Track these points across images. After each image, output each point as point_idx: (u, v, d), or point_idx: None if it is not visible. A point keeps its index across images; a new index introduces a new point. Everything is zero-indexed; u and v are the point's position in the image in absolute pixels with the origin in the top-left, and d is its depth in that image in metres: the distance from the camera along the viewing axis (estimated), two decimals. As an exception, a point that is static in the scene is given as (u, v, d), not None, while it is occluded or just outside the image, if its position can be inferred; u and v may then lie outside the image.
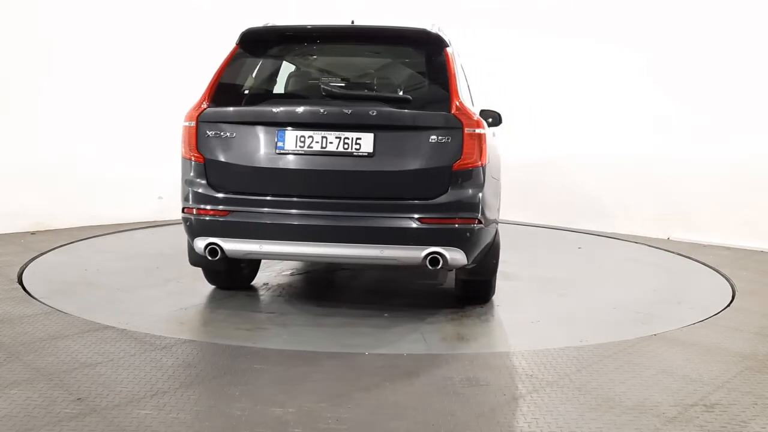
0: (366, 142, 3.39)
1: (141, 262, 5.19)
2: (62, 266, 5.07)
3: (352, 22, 4.04)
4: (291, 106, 3.52)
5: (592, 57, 7.90)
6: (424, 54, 3.86)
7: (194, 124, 3.56)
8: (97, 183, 7.02)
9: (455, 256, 3.40)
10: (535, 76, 8.40)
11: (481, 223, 3.47)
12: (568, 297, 4.49)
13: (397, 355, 3.14)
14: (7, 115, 6.37)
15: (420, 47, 3.86)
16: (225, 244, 3.48)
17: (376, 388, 2.69)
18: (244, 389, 2.63)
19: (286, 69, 4.21)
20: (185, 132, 3.60)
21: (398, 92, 3.82)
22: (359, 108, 3.44)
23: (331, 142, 3.40)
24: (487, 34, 8.52)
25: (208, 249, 3.50)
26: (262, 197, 3.46)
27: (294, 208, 3.43)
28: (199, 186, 3.54)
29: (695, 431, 2.34)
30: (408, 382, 2.77)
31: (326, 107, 3.46)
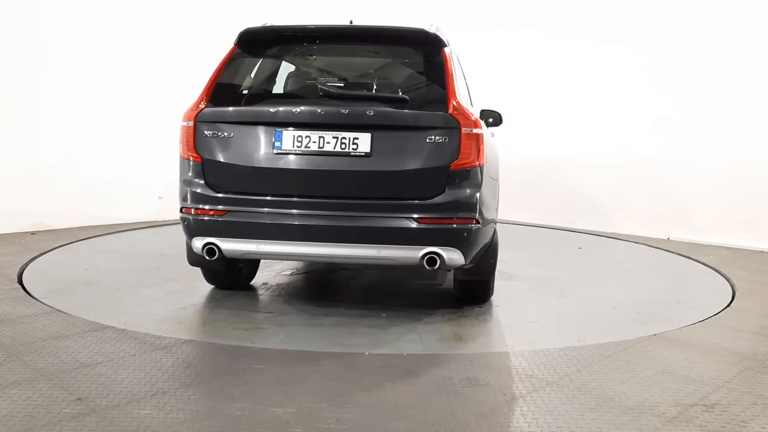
0: (363, 142, 3.38)
1: (141, 262, 5.19)
2: (62, 266, 5.07)
3: (351, 23, 4.04)
4: (288, 106, 3.52)
5: (592, 57, 7.90)
6: (422, 54, 3.86)
7: (192, 124, 3.56)
8: (97, 183, 7.02)
9: (452, 256, 3.39)
10: (535, 76, 8.40)
11: (478, 223, 3.46)
12: (567, 297, 4.48)
13: (397, 355, 3.14)
14: (7, 115, 6.37)
15: (418, 47, 3.86)
16: (222, 244, 3.49)
17: (376, 388, 2.69)
18: (244, 389, 2.63)
19: (285, 69, 4.20)
20: (183, 132, 3.60)
21: (396, 92, 3.82)
22: (356, 108, 3.44)
23: (328, 142, 3.40)
24: (487, 34, 8.53)
25: (206, 249, 3.50)
26: (260, 197, 3.46)
27: (291, 208, 3.43)
28: (197, 186, 3.54)
29: (695, 431, 2.34)
30: (408, 382, 2.77)
31: (323, 107, 3.46)
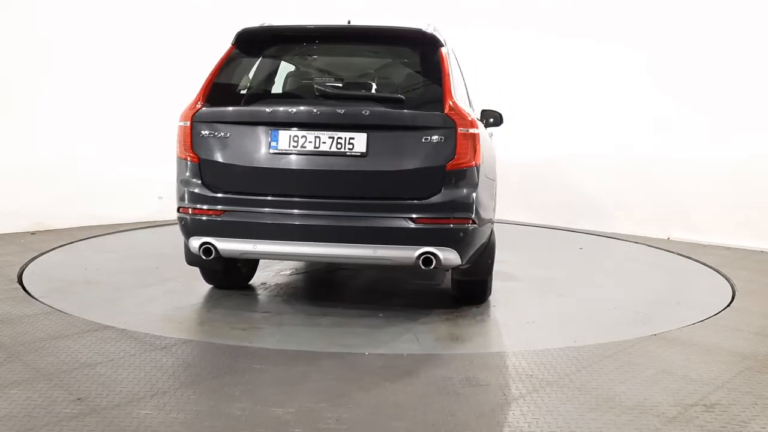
0: (359, 142, 3.38)
1: (141, 262, 5.19)
2: (62, 266, 5.07)
3: (349, 22, 4.04)
4: (285, 106, 3.52)
5: (592, 57, 7.90)
6: (419, 54, 3.85)
7: (189, 124, 3.56)
8: (97, 183, 7.02)
9: (449, 256, 3.39)
10: (535, 76, 8.40)
11: (474, 223, 3.46)
12: (566, 297, 4.48)
13: (397, 355, 3.14)
14: (7, 115, 6.37)
15: (415, 47, 3.86)
16: (219, 244, 3.49)
17: (376, 388, 2.69)
18: (244, 389, 2.63)
19: (282, 69, 4.20)
20: (180, 132, 3.60)
21: (392, 92, 3.81)
22: (352, 108, 3.44)
23: (324, 142, 3.40)
24: (487, 34, 8.53)
25: (203, 248, 3.51)
26: (256, 197, 3.46)
27: (288, 208, 3.43)
28: (194, 186, 3.54)
29: (695, 431, 2.34)
30: (408, 382, 2.77)
31: (319, 107, 3.46)
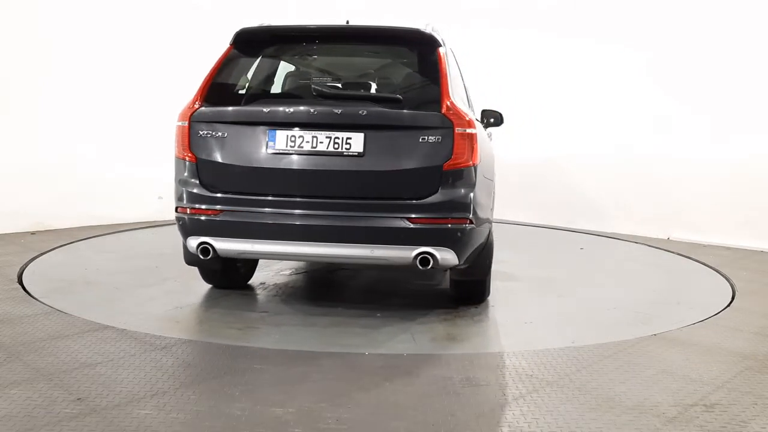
0: (356, 142, 3.38)
1: (141, 262, 5.19)
2: (62, 266, 5.07)
3: (347, 22, 4.04)
4: (282, 106, 3.52)
5: (592, 57, 7.90)
6: (417, 54, 3.85)
7: (186, 124, 3.56)
8: (97, 183, 7.02)
9: (446, 257, 3.39)
10: (535, 76, 8.40)
11: (472, 223, 3.45)
12: (566, 297, 4.48)
13: (397, 355, 3.13)
14: (7, 115, 6.37)
15: (413, 47, 3.86)
16: (217, 244, 3.49)
17: (376, 388, 2.69)
18: (244, 389, 2.63)
19: (280, 69, 4.20)
20: (178, 132, 3.60)
21: (390, 92, 3.81)
22: (349, 108, 3.43)
23: (321, 142, 3.40)
24: (487, 34, 8.53)
25: (200, 248, 3.51)
26: (254, 197, 3.47)
27: (285, 208, 3.43)
28: (192, 186, 3.55)
29: (695, 431, 2.34)
30: (408, 382, 2.77)
31: (317, 107, 3.46)
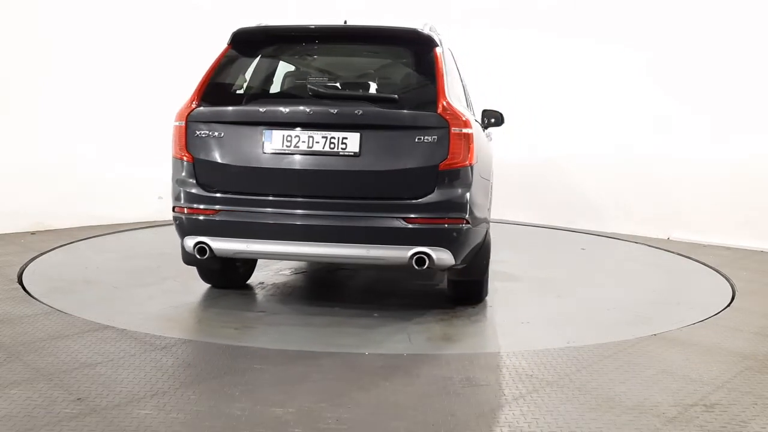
0: (352, 142, 3.38)
1: (141, 262, 5.19)
2: (62, 266, 5.07)
3: (345, 22, 4.04)
4: (278, 106, 3.53)
5: (592, 57, 7.90)
6: (414, 54, 3.85)
7: (183, 124, 3.57)
8: (97, 183, 7.02)
9: (442, 257, 3.39)
10: (535, 76, 8.40)
11: (468, 223, 3.45)
12: (566, 297, 4.48)
13: (397, 355, 3.13)
14: (7, 115, 6.37)
15: (410, 47, 3.86)
16: (213, 243, 3.50)
17: (376, 388, 2.69)
18: (244, 389, 2.63)
19: (277, 69, 4.20)
20: (175, 131, 3.61)
21: (386, 92, 3.80)
22: (345, 108, 3.44)
23: (317, 142, 3.40)
24: (487, 34, 8.53)
25: (197, 248, 3.52)
26: (250, 197, 3.47)
27: (281, 208, 3.43)
28: (189, 185, 3.55)
29: (695, 431, 2.34)
30: (408, 382, 2.77)
31: (312, 107, 3.46)
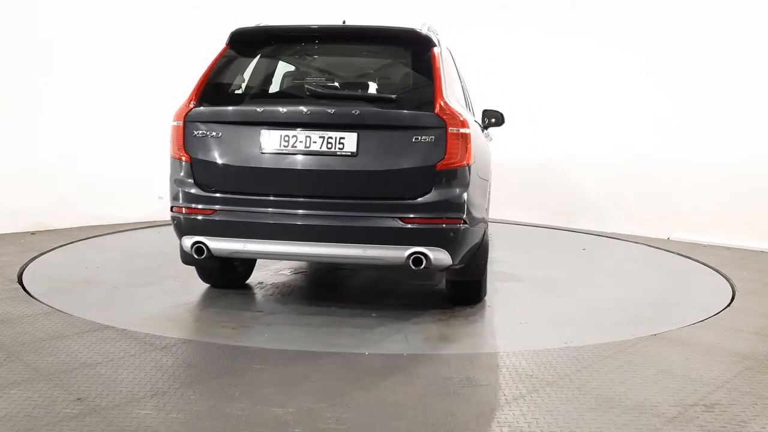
0: (349, 142, 3.38)
1: (141, 262, 5.19)
2: (62, 266, 5.07)
3: (344, 22, 4.04)
4: (275, 106, 3.53)
5: (592, 57, 7.90)
6: (412, 54, 3.86)
7: (181, 124, 3.57)
8: (97, 183, 7.02)
9: (439, 257, 3.39)
10: (535, 76, 8.40)
11: (466, 223, 3.45)
12: (566, 297, 4.47)
13: (397, 355, 3.13)
14: (7, 115, 6.37)
15: (408, 47, 3.86)
16: (210, 243, 3.51)
17: (376, 388, 2.69)
18: (244, 389, 2.63)
19: (275, 69, 4.20)
20: (173, 131, 3.61)
21: (383, 91, 3.80)
22: (342, 108, 3.44)
23: (314, 142, 3.40)
24: (487, 34, 8.53)
25: (195, 247, 3.53)
26: (247, 196, 3.48)
27: (278, 208, 3.43)
28: (187, 185, 3.56)
29: (695, 431, 2.34)
30: (408, 382, 2.77)
31: (310, 107, 3.46)
